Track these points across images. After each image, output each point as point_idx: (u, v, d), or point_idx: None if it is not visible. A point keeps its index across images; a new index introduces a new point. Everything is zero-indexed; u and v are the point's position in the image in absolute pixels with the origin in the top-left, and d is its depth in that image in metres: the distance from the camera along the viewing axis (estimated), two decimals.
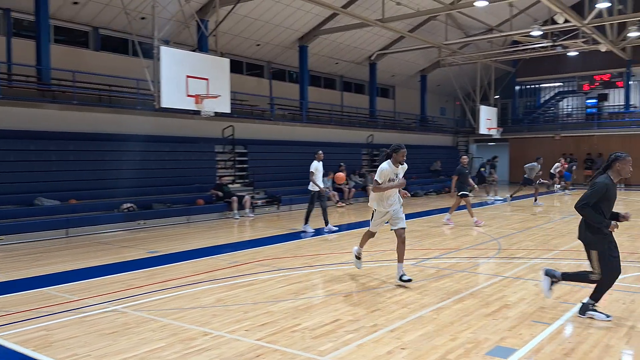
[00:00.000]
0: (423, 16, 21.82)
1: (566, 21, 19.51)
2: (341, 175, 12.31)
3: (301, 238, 11.22)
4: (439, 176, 26.75)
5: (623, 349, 4.61)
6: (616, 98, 30.44)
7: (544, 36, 23.05)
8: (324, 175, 18.59)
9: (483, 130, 25.86)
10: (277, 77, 23.98)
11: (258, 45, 21.51)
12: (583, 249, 5.49)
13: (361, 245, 7.54)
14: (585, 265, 8.17)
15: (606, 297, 6.21)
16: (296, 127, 20.99)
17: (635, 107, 29.64)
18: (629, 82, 28.72)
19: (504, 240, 10.50)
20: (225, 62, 14.06)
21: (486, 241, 10.51)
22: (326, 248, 9.92)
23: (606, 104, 30.77)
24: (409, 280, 6.74)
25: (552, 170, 22.59)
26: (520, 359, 4.40)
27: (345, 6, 19.86)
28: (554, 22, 20.50)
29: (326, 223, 12.13)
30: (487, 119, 26.21)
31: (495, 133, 26.98)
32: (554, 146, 28.81)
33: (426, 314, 5.61)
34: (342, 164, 20.00)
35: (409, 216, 15.27)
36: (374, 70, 26.67)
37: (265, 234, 12.00)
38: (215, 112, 13.67)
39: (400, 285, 6.82)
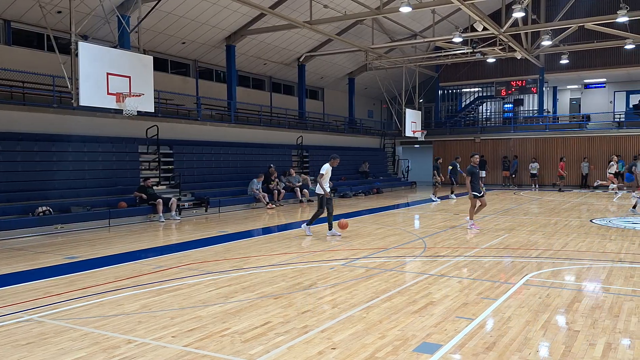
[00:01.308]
0: (350, 20, 22.17)
1: (485, 29, 20.54)
2: (344, 222, 11.35)
3: (230, 241, 11.01)
4: (367, 177, 27.28)
5: (540, 341, 4.86)
6: (531, 103, 32.42)
7: (464, 43, 24.14)
8: (255, 177, 18.51)
9: (408, 132, 26.65)
10: (204, 77, 23.49)
11: (183, 43, 20.95)
12: (502, 247, 5.73)
13: None
14: (506, 262, 8.60)
15: (523, 291, 6.57)
16: (224, 127, 20.64)
17: (548, 112, 31.71)
18: (543, 89, 30.67)
19: (429, 239, 10.84)
20: (149, 59, 13.56)
21: (412, 240, 10.81)
22: (256, 250, 9.80)
23: (522, 108, 32.71)
24: None
25: (609, 171, 22.79)
26: (446, 354, 4.53)
27: (273, 7, 19.79)
28: (474, 30, 21.53)
29: (330, 227, 11.41)
30: (412, 122, 27.04)
31: (419, 135, 27.88)
32: (474, 148, 30.20)
33: (356, 313, 5.66)
34: (271, 165, 19.94)
35: (338, 217, 15.47)
36: (302, 72, 26.78)
37: (193, 237, 11.68)
38: (139, 111, 13.14)
39: (330, 286, 6.85)
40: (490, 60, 27.26)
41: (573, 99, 33.14)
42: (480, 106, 34.57)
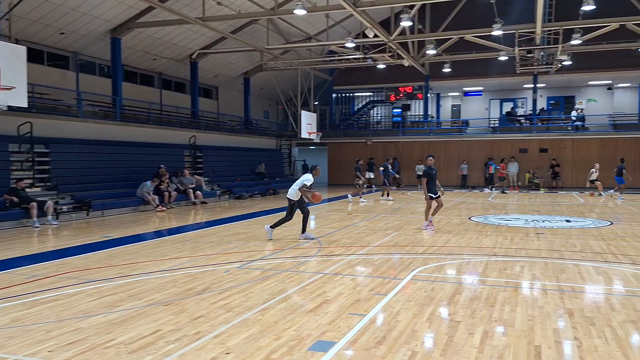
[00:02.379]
0: (245, 19, 21.95)
1: (375, 36, 21.36)
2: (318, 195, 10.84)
3: (115, 246, 10.37)
4: (264, 178, 27.19)
5: (426, 333, 5.11)
6: (417, 108, 34.28)
7: (357, 48, 24.93)
8: (148, 179, 17.60)
9: (304, 134, 26.96)
10: (86, 70, 21.96)
11: (62, 33, 19.41)
12: (392, 245, 5.93)
13: None
14: (395, 259, 8.96)
15: (410, 286, 6.89)
16: (109, 125, 19.40)
17: (432, 117, 33.70)
18: (428, 95, 32.56)
19: (324, 239, 11.01)
20: (21, 49, 12.39)
21: (308, 240, 10.90)
22: (144, 256, 9.31)
23: (409, 113, 34.48)
24: None
25: (589, 178, 22.99)
26: (339, 351, 4.60)
27: (162, 0, 18.99)
28: (365, 36, 22.29)
29: (303, 230, 11.05)
30: (308, 124, 27.41)
31: (315, 137, 28.33)
32: (367, 151, 31.32)
33: (251, 316, 5.57)
34: (162, 165, 19.12)
35: (233, 219, 15.23)
36: (195, 70, 26.02)
37: (72, 244, 10.82)
38: (9, 106, 11.94)
39: (224, 290, 6.69)
40: (381, 66, 28.43)
41: (454, 105, 35.55)
42: (372, 110, 35.92)
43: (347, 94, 36.11)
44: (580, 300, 6.27)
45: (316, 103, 32.78)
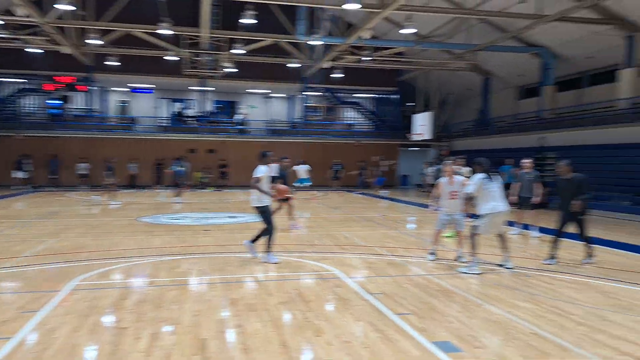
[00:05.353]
0: None
1: (28, 15, 18.60)
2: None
3: None
4: None
5: (88, 346, 4.64)
6: (80, 101, 31.42)
7: (3, 27, 21.24)
8: None
9: None
10: None
11: None
12: (49, 253, 5.24)
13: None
14: (52, 269, 7.92)
15: (71, 297, 6.19)
16: None
17: (100, 112, 31.47)
18: (91, 87, 30.22)
19: None
20: None
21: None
22: None
23: (70, 106, 31.25)
24: None
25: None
26: None
27: None
28: (12, 13, 19.12)
29: (256, 240, 8.92)
30: None
31: None
32: (15, 146, 27.15)
33: None
34: None
35: None
36: None
37: None
38: None
39: None
40: (34, 50, 24.98)
41: (122, 101, 34.08)
42: (23, 99, 31.17)
43: None
44: (244, 290, 6.75)
45: None
